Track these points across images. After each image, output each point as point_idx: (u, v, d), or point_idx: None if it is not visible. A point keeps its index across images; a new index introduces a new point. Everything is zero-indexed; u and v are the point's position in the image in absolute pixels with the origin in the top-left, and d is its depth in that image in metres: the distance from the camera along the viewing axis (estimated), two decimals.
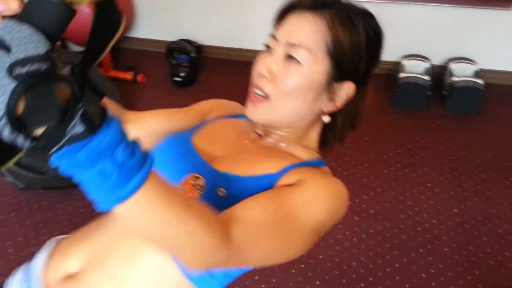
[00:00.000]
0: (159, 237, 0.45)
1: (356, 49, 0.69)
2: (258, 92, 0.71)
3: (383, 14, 2.79)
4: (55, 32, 0.35)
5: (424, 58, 2.80)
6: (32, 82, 0.32)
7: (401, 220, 1.92)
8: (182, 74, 2.82)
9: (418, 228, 1.88)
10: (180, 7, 3.14)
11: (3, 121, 0.33)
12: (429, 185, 2.10)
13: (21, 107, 0.33)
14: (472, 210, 1.96)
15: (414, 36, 2.85)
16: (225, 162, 0.73)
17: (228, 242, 0.51)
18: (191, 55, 2.87)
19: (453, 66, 2.71)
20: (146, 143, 0.44)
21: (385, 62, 2.96)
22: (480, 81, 2.55)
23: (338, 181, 0.70)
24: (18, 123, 0.33)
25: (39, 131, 0.34)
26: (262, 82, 0.70)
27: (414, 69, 2.71)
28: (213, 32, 3.18)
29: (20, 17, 0.35)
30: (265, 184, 0.68)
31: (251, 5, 3.02)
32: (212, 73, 3.07)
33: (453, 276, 1.68)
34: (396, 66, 2.87)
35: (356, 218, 1.93)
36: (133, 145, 0.39)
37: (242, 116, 0.87)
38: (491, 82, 2.73)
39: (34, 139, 0.34)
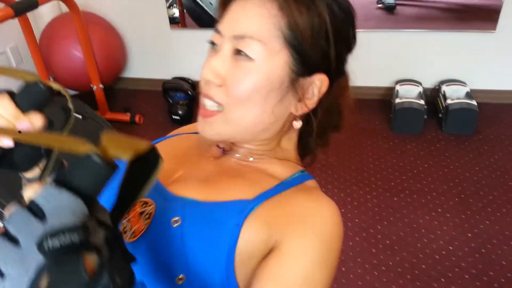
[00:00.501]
0: None
1: (319, 31, 0.55)
2: (209, 103, 0.58)
3: (375, 42, 2.88)
4: (95, 192, 0.34)
5: (416, 82, 2.87)
6: (60, 258, 0.30)
7: (418, 248, 1.93)
8: (180, 112, 2.81)
9: (436, 256, 1.88)
10: (171, 45, 3.15)
11: None
12: (440, 210, 2.12)
13: (44, 281, 0.30)
14: (486, 234, 1.98)
15: (405, 61, 2.93)
16: (184, 184, 0.61)
17: None
18: (188, 92, 2.87)
19: (446, 89, 2.78)
20: None
21: (379, 87, 3.03)
22: (473, 102, 2.63)
23: (326, 205, 0.57)
24: None
25: None
26: (211, 89, 0.57)
27: (408, 94, 2.77)
28: None
29: (62, 177, 0.33)
30: (236, 213, 0.54)
31: None
32: None
33: None
34: (390, 92, 2.93)
35: (374, 250, 1.92)
36: None
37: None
38: (482, 101, 2.81)
39: None
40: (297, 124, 0.61)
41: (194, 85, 3.06)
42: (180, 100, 2.84)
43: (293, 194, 0.58)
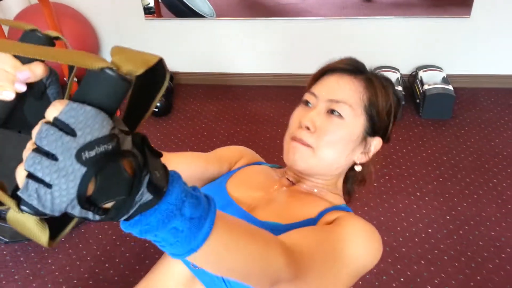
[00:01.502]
0: (231, 268, 0.46)
1: (388, 109, 0.79)
2: (299, 145, 0.77)
3: (352, 30, 2.90)
4: (114, 106, 0.35)
5: (394, 69, 2.89)
6: (101, 166, 0.32)
7: (399, 232, 1.95)
8: (158, 104, 2.76)
9: (416, 239, 1.91)
10: (146, 35, 3.09)
11: (74, 203, 0.32)
12: (418, 194, 2.15)
13: (91, 188, 0.33)
14: (463, 215, 2.01)
15: (382, 48, 2.94)
16: (264, 210, 0.75)
17: (291, 262, 0.52)
18: None
19: (422, 75, 2.81)
20: None
21: None
22: (450, 87, 2.66)
23: (371, 224, 0.75)
24: (88, 202, 0.33)
25: (109, 204, 0.34)
26: (303, 134, 0.76)
27: None
28: (183, 58, 3.15)
29: (79, 95, 0.34)
30: None
31: (219, 30, 3.01)
32: (187, 99, 3.03)
33: (457, 284, 1.71)
34: None
35: None
36: (196, 196, 0.40)
37: (263, 163, 0.93)
38: (459, 86, 2.86)
39: (103, 211, 0.34)
40: (358, 168, 0.82)
41: (171, 77, 3.02)
42: None
43: (342, 212, 0.76)
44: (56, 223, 0.37)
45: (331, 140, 0.75)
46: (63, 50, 0.36)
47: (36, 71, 0.43)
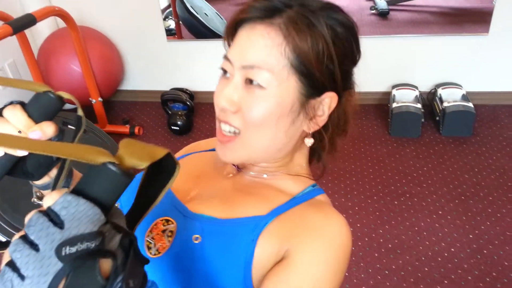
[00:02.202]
0: None
1: (324, 54, 0.56)
2: (226, 129, 0.61)
3: (370, 48, 2.90)
4: (112, 200, 0.35)
5: (412, 86, 2.89)
6: (77, 264, 0.31)
7: (420, 251, 1.93)
8: (179, 123, 2.82)
9: (439, 259, 1.89)
10: (168, 56, 3.18)
11: None
12: (440, 212, 2.13)
13: (61, 284, 0.32)
14: (487, 235, 1.98)
15: (401, 66, 2.95)
16: (201, 201, 0.65)
17: None
18: (187, 103, 2.88)
19: (442, 92, 2.81)
20: None
21: (375, 92, 3.05)
22: (469, 104, 2.65)
23: (336, 218, 0.60)
24: None
25: None
26: (227, 116, 0.60)
27: (405, 98, 2.79)
28: (203, 77, 3.22)
29: (78, 186, 0.34)
30: (251, 229, 0.58)
31: None
32: (207, 118, 3.08)
33: None
34: (386, 96, 2.96)
35: (376, 255, 1.93)
36: None
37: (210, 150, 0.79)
38: (479, 103, 2.84)
39: None
40: (309, 141, 0.64)
41: (192, 96, 3.09)
42: (179, 111, 2.86)
43: (304, 209, 0.61)
44: None
45: (257, 118, 0.58)
46: (68, 145, 0.36)
47: (47, 131, 0.45)
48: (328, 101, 0.61)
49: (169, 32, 3.09)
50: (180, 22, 3.04)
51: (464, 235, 2.00)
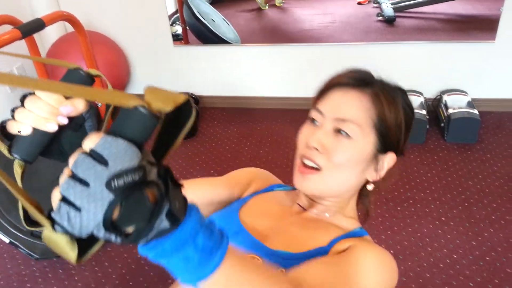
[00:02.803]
0: None
1: (398, 124, 0.75)
2: (309, 163, 0.74)
3: (376, 54, 2.92)
4: (144, 140, 0.38)
5: (418, 93, 2.89)
6: (127, 194, 0.35)
7: (423, 257, 1.92)
8: None
9: (441, 265, 1.88)
10: (174, 61, 3.21)
11: (99, 226, 0.36)
12: (443, 219, 2.12)
13: (115, 214, 0.36)
14: (490, 242, 1.97)
15: (406, 73, 2.95)
16: (275, 239, 0.75)
17: None
18: None
19: (447, 99, 2.80)
20: None
21: None
22: (475, 111, 2.64)
23: (384, 250, 0.72)
24: (112, 226, 0.36)
25: (130, 229, 0.37)
26: (313, 154, 0.74)
27: None
28: (209, 82, 3.25)
29: (114, 129, 0.38)
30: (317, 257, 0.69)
31: (243, 55, 3.11)
32: (212, 122, 3.11)
33: None
34: None
35: None
36: (210, 227, 0.42)
37: (277, 186, 0.92)
38: (484, 110, 2.83)
39: (125, 235, 0.37)
40: (370, 187, 0.80)
41: (197, 100, 3.11)
42: None
43: (356, 239, 0.74)
44: (84, 243, 0.40)
45: (340, 161, 0.72)
46: (102, 90, 0.40)
47: (78, 106, 0.47)
48: (389, 159, 0.77)
49: (176, 38, 3.13)
50: (187, 27, 3.08)
51: (467, 241, 1.98)
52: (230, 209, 0.84)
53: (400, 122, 0.75)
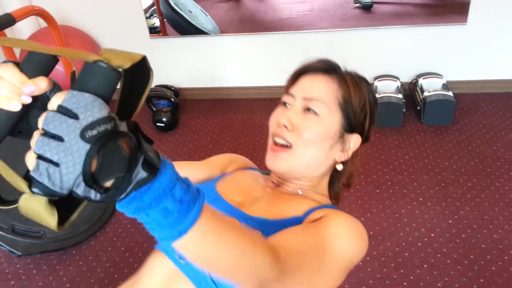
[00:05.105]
0: (217, 261, 0.47)
1: (362, 106, 0.81)
2: (280, 141, 0.79)
3: (352, 40, 2.94)
4: (108, 94, 0.39)
5: (394, 77, 2.93)
6: (103, 142, 0.36)
7: (401, 237, 1.97)
8: (164, 119, 2.84)
9: (419, 244, 1.93)
10: (152, 54, 3.19)
11: (79, 180, 0.36)
12: (421, 199, 2.17)
13: (94, 165, 0.36)
14: (466, 219, 2.03)
15: (382, 58, 2.99)
16: (252, 207, 0.78)
17: (277, 262, 0.53)
18: (171, 99, 2.90)
19: (422, 82, 2.85)
20: None
21: None
22: (450, 93, 2.70)
23: (356, 219, 0.75)
24: (91, 179, 0.37)
25: (109, 183, 0.38)
26: (283, 132, 0.79)
27: (387, 89, 2.84)
28: (188, 74, 3.23)
29: (78, 85, 0.38)
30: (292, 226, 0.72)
31: (218, 47, 3.10)
32: (192, 114, 3.10)
33: (460, 286, 1.72)
34: None
35: None
36: (186, 182, 0.43)
37: (254, 169, 0.97)
38: (459, 92, 2.89)
39: (104, 190, 0.37)
40: (339, 166, 0.84)
41: (177, 92, 3.10)
42: (163, 108, 2.87)
43: (329, 211, 0.77)
44: (63, 210, 0.40)
45: (308, 137, 0.77)
46: (66, 49, 0.42)
47: (41, 85, 0.46)
48: (355, 139, 0.82)
49: (154, 30, 3.10)
50: (165, 19, 3.05)
51: (444, 220, 2.04)
52: (207, 183, 0.87)
53: (364, 106, 0.80)
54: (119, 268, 1.95)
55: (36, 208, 0.39)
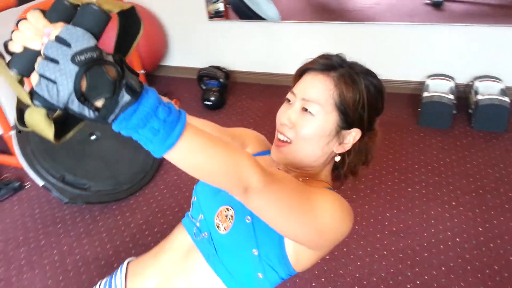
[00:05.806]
0: (204, 168, 0.55)
1: (358, 103, 0.84)
2: (282, 137, 0.87)
3: (407, 36, 2.88)
4: (98, 32, 0.48)
5: (448, 77, 2.82)
6: (90, 66, 0.45)
7: (424, 237, 1.94)
8: (212, 98, 2.98)
9: (441, 246, 1.89)
10: (210, 36, 3.33)
11: (72, 96, 0.45)
12: (453, 203, 2.11)
13: (84, 85, 0.45)
14: (498, 229, 1.94)
15: (438, 56, 2.88)
16: None
17: (262, 171, 0.59)
18: (220, 80, 3.03)
19: (478, 85, 2.71)
20: None
21: (410, 82, 3.01)
22: (506, 99, 2.55)
23: (345, 200, 0.81)
24: (83, 97, 0.45)
25: (99, 103, 0.46)
26: (284, 129, 0.87)
27: (438, 88, 2.74)
28: (241, 58, 3.34)
29: (73, 23, 0.48)
30: None
31: (276, 34, 3.16)
32: (240, 96, 3.22)
33: None
34: (421, 86, 2.90)
35: (378, 235, 1.97)
36: (168, 105, 0.51)
37: (267, 152, 1.02)
38: None
39: (96, 109, 0.46)
40: (337, 158, 0.90)
41: (227, 74, 3.22)
42: (212, 87, 3.01)
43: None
44: (64, 128, 0.51)
45: (305, 134, 0.84)
46: None
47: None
48: (354, 134, 0.86)
49: (217, 14, 3.24)
50: (228, 5, 3.18)
51: (473, 227, 1.97)
52: None
53: (361, 100, 0.83)
54: (150, 226, 2.12)
55: (37, 118, 0.48)
